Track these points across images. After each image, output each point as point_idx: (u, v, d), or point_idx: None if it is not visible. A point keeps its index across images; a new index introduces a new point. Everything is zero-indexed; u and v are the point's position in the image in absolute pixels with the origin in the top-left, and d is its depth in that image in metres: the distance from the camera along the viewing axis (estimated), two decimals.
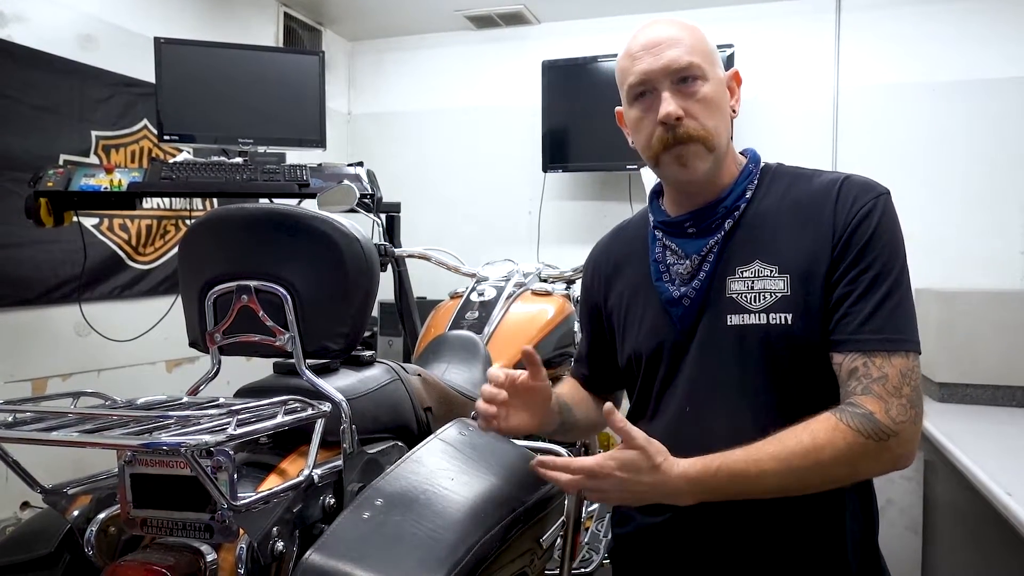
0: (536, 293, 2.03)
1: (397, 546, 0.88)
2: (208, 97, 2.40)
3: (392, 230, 2.43)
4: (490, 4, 3.43)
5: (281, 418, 0.89)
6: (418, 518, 0.92)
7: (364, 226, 1.41)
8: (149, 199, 2.70)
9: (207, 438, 0.76)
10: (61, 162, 2.37)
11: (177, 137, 2.39)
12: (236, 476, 0.82)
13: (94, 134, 2.52)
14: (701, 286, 1.05)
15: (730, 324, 1.02)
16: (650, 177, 1.26)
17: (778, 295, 1.00)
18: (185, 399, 0.99)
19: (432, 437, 1.11)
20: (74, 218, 2.26)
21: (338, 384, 1.07)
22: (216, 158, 2.38)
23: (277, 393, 0.96)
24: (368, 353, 1.21)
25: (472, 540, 0.92)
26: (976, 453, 1.77)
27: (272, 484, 0.93)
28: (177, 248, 1.15)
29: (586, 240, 1.32)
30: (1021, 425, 2.14)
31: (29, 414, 0.85)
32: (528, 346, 1.06)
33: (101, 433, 0.81)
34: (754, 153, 1.12)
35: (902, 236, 1.00)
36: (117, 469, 0.88)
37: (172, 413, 0.82)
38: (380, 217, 2.21)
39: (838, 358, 0.97)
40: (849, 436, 0.90)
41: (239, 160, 2.36)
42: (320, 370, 1.09)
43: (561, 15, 3.55)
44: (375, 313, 3.49)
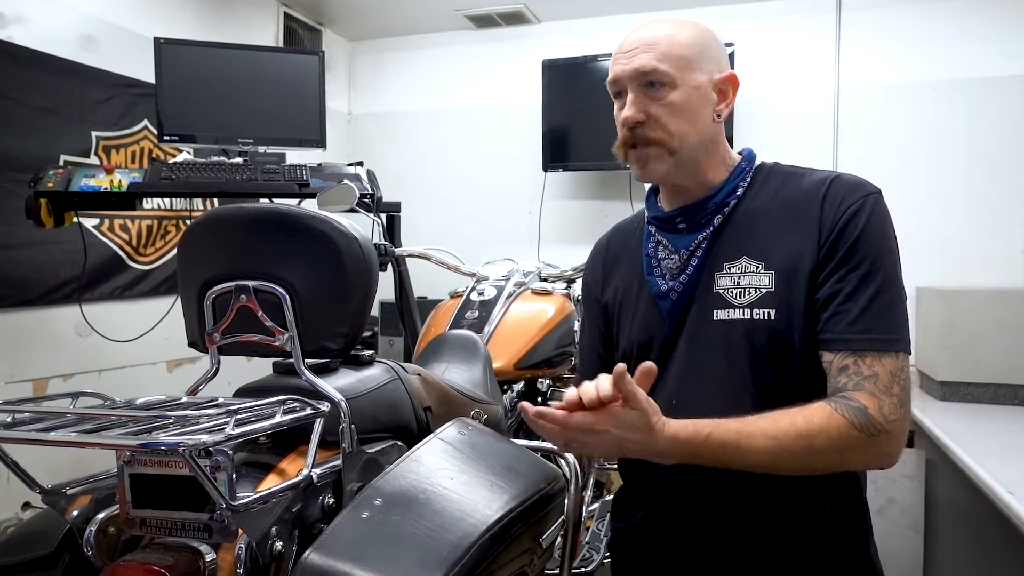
0: (536, 292, 2.03)
1: (396, 546, 0.88)
2: (208, 97, 2.40)
3: (392, 230, 2.43)
4: (490, 4, 3.43)
5: (280, 418, 0.89)
6: (417, 518, 0.92)
7: (364, 226, 1.41)
8: (149, 199, 2.70)
9: (205, 438, 0.75)
10: (61, 163, 2.37)
11: (177, 137, 2.39)
12: (235, 476, 0.82)
13: (94, 135, 2.52)
14: (689, 280, 1.07)
15: (716, 319, 1.03)
16: None
17: (762, 291, 1.01)
18: (184, 399, 0.99)
19: (431, 436, 1.11)
20: (74, 219, 2.26)
21: (337, 384, 1.06)
22: (216, 158, 2.38)
23: (276, 393, 0.96)
24: (367, 353, 1.20)
25: (471, 540, 0.91)
26: (978, 452, 1.77)
27: (271, 484, 0.92)
28: (176, 248, 1.15)
29: (586, 239, 1.32)
30: (1022, 424, 2.13)
31: (28, 414, 0.84)
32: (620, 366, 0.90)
33: (100, 433, 0.81)
34: (750, 152, 1.13)
35: (894, 235, 1.00)
36: (116, 469, 0.88)
37: (171, 413, 0.82)
38: (380, 217, 2.21)
39: (828, 356, 0.98)
40: (843, 426, 0.90)
41: (239, 160, 2.36)
42: (319, 370, 1.09)
43: (561, 14, 3.55)
44: (375, 313, 3.49)
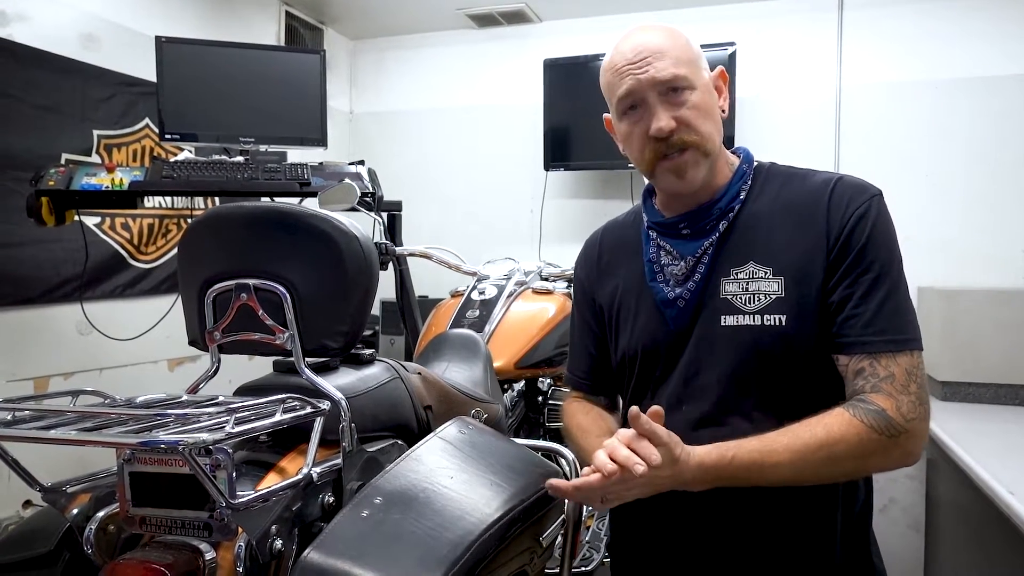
0: (537, 292, 2.03)
1: (396, 544, 0.88)
2: (209, 96, 2.40)
3: (393, 229, 2.43)
4: (491, 3, 3.42)
5: (280, 416, 0.89)
6: (417, 516, 0.92)
7: (365, 225, 1.41)
8: (151, 198, 2.70)
9: (205, 436, 0.75)
10: (63, 161, 2.38)
11: (178, 136, 2.39)
12: (235, 474, 0.82)
13: (96, 133, 2.53)
14: (696, 287, 1.06)
15: (724, 325, 1.03)
16: None
17: (773, 297, 1.01)
18: (184, 397, 0.99)
19: (432, 435, 1.11)
20: (76, 217, 2.26)
21: (337, 382, 1.06)
22: (217, 157, 2.38)
23: (276, 391, 0.96)
24: (368, 351, 1.20)
25: (471, 539, 0.91)
26: (979, 452, 1.77)
27: (271, 482, 0.92)
28: (177, 247, 1.15)
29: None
30: (1023, 424, 2.13)
31: (28, 412, 0.84)
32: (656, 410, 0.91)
33: (100, 431, 0.81)
34: (747, 153, 1.12)
35: (896, 235, 1.01)
36: (116, 467, 0.88)
37: (171, 411, 0.82)
38: (381, 216, 2.21)
39: (844, 360, 0.98)
40: (862, 431, 0.91)
41: (240, 159, 2.36)
42: (319, 368, 1.09)
43: (562, 13, 3.55)
44: (377, 312, 3.49)
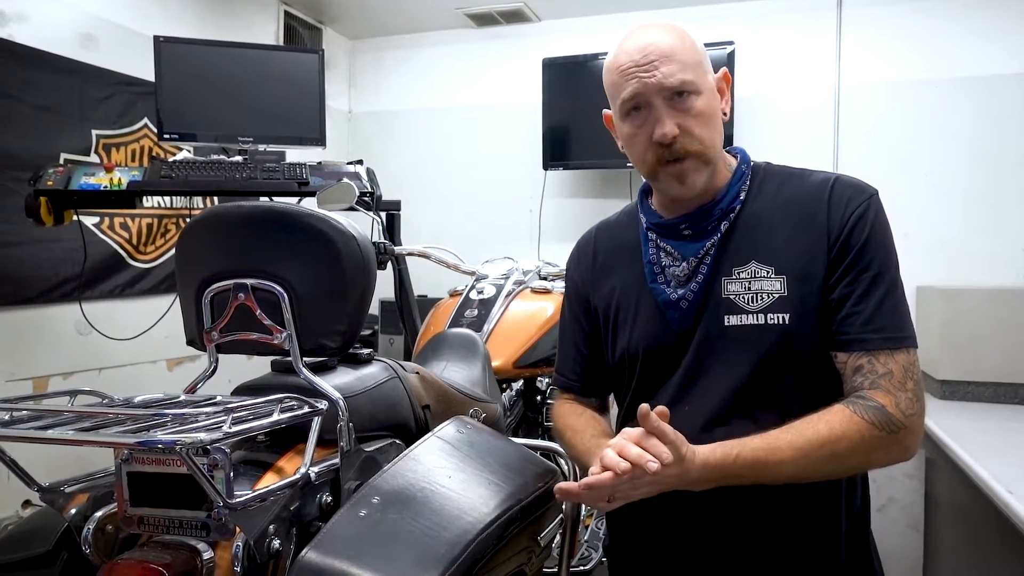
0: (536, 291, 2.03)
1: (393, 544, 0.88)
2: (208, 96, 2.40)
3: (392, 228, 2.42)
4: (490, 2, 3.42)
5: (277, 416, 0.89)
6: (415, 516, 0.92)
7: (364, 224, 1.41)
8: (149, 198, 2.70)
9: (202, 436, 0.76)
10: (61, 161, 2.37)
11: (177, 136, 2.39)
12: (232, 474, 0.82)
13: (94, 133, 2.53)
14: (699, 288, 1.06)
15: (728, 324, 1.03)
16: None
17: (775, 295, 1.01)
18: (182, 397, 0.99)
19: (430, 435, 1.11)
20: (74, 217, 2.26)
21: (335, 382, 1.06)
22: (216, 157, 2.38)
23: (274, 391, 0.96)
24: (365, 351, 1.20)
25: (469, 538, 0.91)
26: (978, 451, 1.77)
27: (269, 482, 0.92)
28: (175, 247, 1.15)
29: None
30: (1023, 422, 2.13)
31: (26, 412, 0.84)
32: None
33: (97, 431, 0.81)
34: (743, 153, 1.13)
35: (892, 235, 1.02)
36: (114, 467, 0.88)
37: (168, 411, 0.82)
38: (380, 215, 2.21)
39: (842, 357, 0.99)
40: (863, 427, 0.92)
41: (239, 158, 2.36)
42: (317, 368, 1.09)
43: (561, 13, 3.55)
44: (375, 311, 3.49)
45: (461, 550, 0.89)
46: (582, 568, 1.74)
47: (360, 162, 2.36)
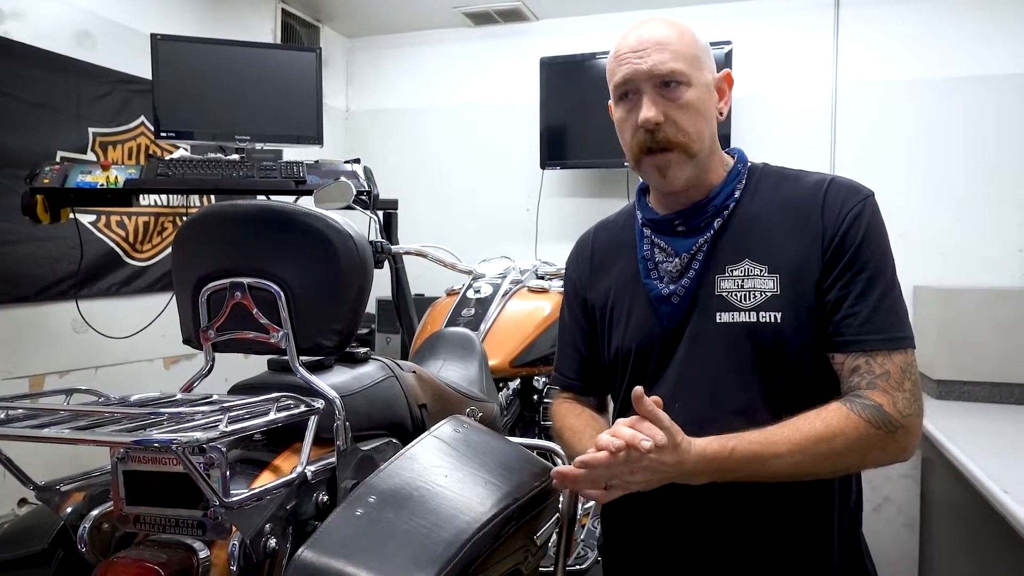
0: (533, 290, 2.03)
1: (390, 543, 0.88)
2: (205, 94, 2.40)
3: (389, 227, 2.42)
4: (488, 1, 3.42)
5: (274, 415, 0.89)
6: (411, 515, 0.92)
7: (361, 223, 1.41)
8: (146, 196, 2.69)
9: (199, 435, 0.76)
10: (58, 159, 2.37)
11: (174, 134, 2.38)
12: (229, 473, 0.82)
13: (91, 131, 2.52)
14: (691, 284, 1.06)
15: (719, 322, 1.03)
16: None
17: (768, 294, 1.01)
18: (178, 396, 0.99)
19: (426, 434, 1.11)
20: (71, 215, 2.26)
21: (332, 381, 1.06)
22: (213, 155, 2.38)
23: (271, 390, 0.96)
24: (362, 350, 1.20)
25: (465, 537, 0.91)
26: (973, 451, 1.77)
27: (265, 481, 0.92)
28: (171, 245, 1.15)
29: None
30: (1019, 423, 2.14)
31: (22, 411, 0.84)
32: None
33: (93, 430, 0.81)
34: (741, 153, 1.13)
35: (887, 236, 1.02)
36: (110, 466, 0.88)
37: (165, 410, 0.82)
38: (377, 214, 2.21)
39: (839, 358, 0.99)
40: (860, 426, 0.92)
41: (236, 157, 2.36)
42: (314, 367, 1.09)
43: (559, 12, 3.54)
44: (372, 310, 3.49)
45: (457, 549, 0.89)
46: (578, 567, 1.75)
47: (357, 161, 2.36)
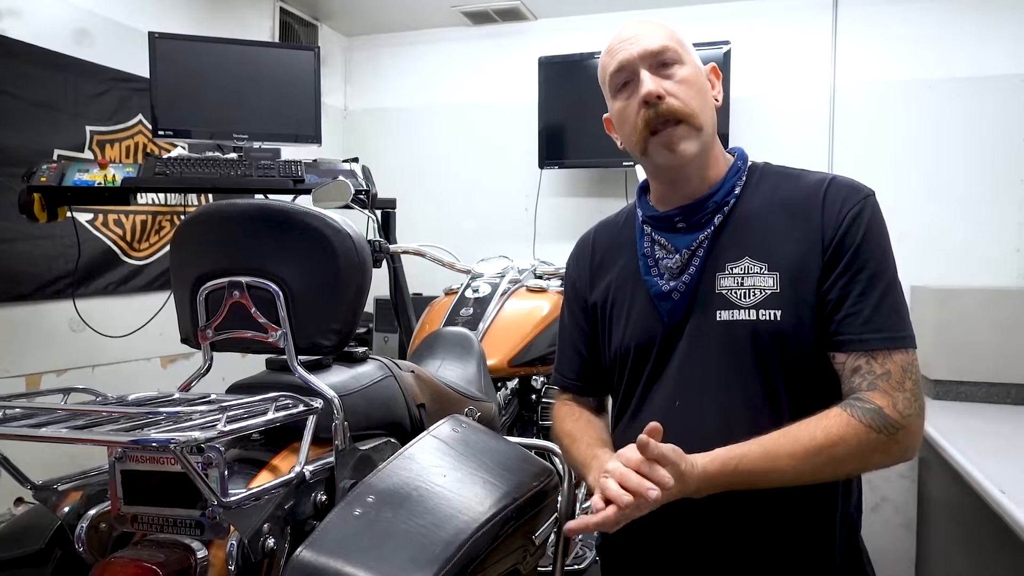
0: (531, 290, 2.03)
1: (388, 543, 0.88)
2: (203, 92, 2.39)
3: (388, 226, 2.42)
4: (487, 0, 3.42)
5: (272, 414, 0.89)
6: (409, 515, 0.92)
7: (359, 222, 1.41)
8: (143, 195, 2.69)
9: (197, 434, 0.75)
10: (55, 157, 2.36)
11: (172, 132, 2.38)
12: (227, 472, 0.82)
13: (88, 129, 2.51)
14: (691, 280, 1.06)
15: (720, 319, 1.03)
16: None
17: (768, 292, 1.01)
18: (176, 395, 0.99)
19: (425, 434, 1.11)
20: (68, 213, 2.25)
21: (330, 380, 1.06)
22: (211, 154, 2.37)
23: (269, 389, 0.96)
24: (361, 349, 1.20)
25: (463, 537, 0.91)
26: (971, 451, 1.77)
27: (263, 481, 0.92)
28: (169, 244, 1.15)
29: None
30: (1016, 423, 2.14)
31: (19, 410, 0.84)
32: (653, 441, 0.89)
33: (91, 429, 0.81)
34: (741, 151, 1.14)
35: (888, 235, 1.02)
36: (108, 465, 0.88)
37: (162, 409, 0.82)
38: (375, 213, 2.21)
39: (840, 357, 0.99)
40: (861, 431, 0.92)
41: (234, 156, 2.35)
42: (312, 366, 1.09)
43: (558, 11, 3.54)
44: (371, 309, 3.48)
45: (456, 549, 0.89)
46: (576, 567, 1.75)
47: (356, 160, 2.36)
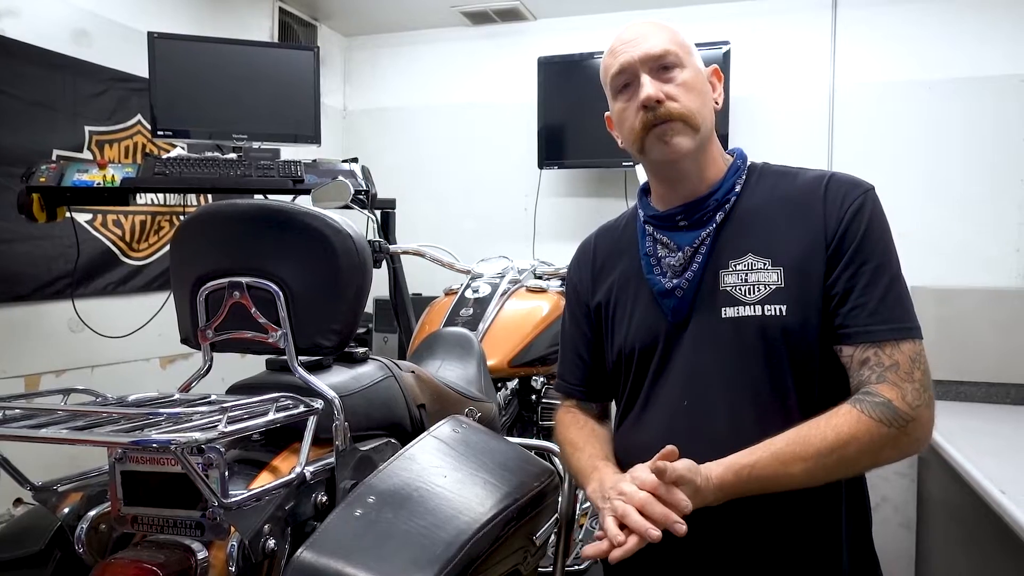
0: (531, 290, 2.03)
1: (389, 544, 0.88)
2: (202, 92, 2.39)
3: (387, 226, 2.42)
4: (486, 0, 3.42)
5: (272, 415, 0.89)
6: (410, 515, 0.92)
7: (359, 223, 1.40)
8: (143, 195, 2.68)
9: (197, 435, 0.75)
10: (54, 157, 2.36)
11: (171, 132, 2.37)
12: (227, 473, 0.82)
13: (87, 129, 2.51)
14: (694, 278, 1.06)
15: (725, 316, 1.03)
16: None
17: (772, 287, 1.01)
18: (176, 396, 0.98)
19: (425, 434, 1.10)
20: (67, 214, 2.25)
21: (331, 381, 1.06)
22: (210, 154, 2.37)
23: (269, 390, 0.96)
24: (361, 350, 1.20)
25: (464, 538, 0.91)
26: (970, 450, 1.78)
27: (264, 481, 0.92)
28: (169, 244, 1.14)
29: (582, 237, 1.30)
30: (1015, 423, 2.14)
31: (19, 411, 0.84)
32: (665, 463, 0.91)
33: (91, 430, 0.81)
34: (741, 151, 1.14)
35: (889, 228, 1.03)
36: (108, 466, 0.88)
37: (163, 410, 0.82)
38: (375, 213, 2.21)
39: (848, 350, 0.99)
40: (872, 427, 0.92)
41: (233, 156, 2.35)
42: (313, 367, 1.09)
43: (557, 11, 3.54)
44: (370, 310, 3.48)
45: (457, 550, 0.89)
46: (577, 567, 1.75)
47: (355, 160, 2.35)
